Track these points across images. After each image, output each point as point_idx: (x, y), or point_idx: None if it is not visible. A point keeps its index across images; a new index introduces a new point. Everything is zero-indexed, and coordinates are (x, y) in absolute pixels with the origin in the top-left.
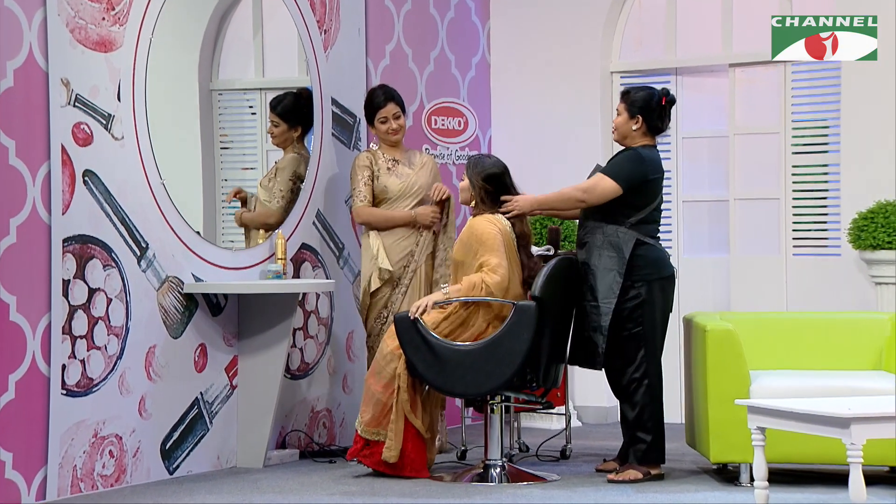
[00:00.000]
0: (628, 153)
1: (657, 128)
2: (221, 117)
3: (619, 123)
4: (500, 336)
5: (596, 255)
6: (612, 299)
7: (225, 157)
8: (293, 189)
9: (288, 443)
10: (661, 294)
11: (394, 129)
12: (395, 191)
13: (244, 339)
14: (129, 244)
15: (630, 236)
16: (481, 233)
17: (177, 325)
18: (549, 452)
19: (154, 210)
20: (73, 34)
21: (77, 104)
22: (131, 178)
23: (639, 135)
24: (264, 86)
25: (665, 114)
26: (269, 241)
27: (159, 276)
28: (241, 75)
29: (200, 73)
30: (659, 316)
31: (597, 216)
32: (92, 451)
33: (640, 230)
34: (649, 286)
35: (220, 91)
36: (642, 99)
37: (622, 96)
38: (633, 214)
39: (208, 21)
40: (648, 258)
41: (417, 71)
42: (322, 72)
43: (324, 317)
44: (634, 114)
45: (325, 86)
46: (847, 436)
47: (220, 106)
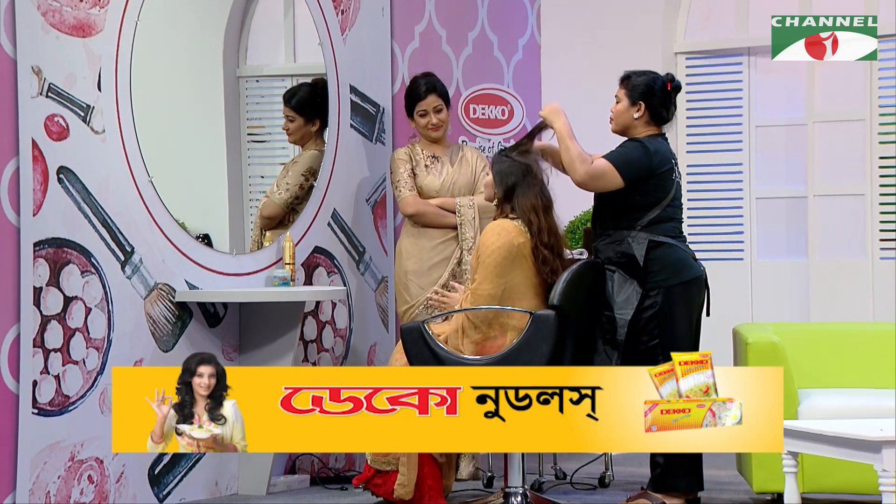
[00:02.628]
0: (633, 144)
1: (661, 117)
2: (249, 108)
3: (618, 111)
4: (515, 349)
5: (611, 264)
6: (629, 310)
7: (254, 151)
8: (302, 185)
9: (299, 468)
10: (682, 301)
11: (434, 125)
12: (433, 191)
13: (246, 352)
14: (111, 248)
15: (641, 239)
16: (484, 247)
17: (167, 338)
18: (586, 480)
19: (141, 211)
20: (45, 18)
21: (50, 94)
22: (114, 176)
23: (641, 124)
24: (296, 72)
25: (670, 101)
26: (276, 245)
27: (147, 283)
28: (270, 60)
29: (225, 58)
30: (681, 326)
31: (607, 222)
32: (68, 476)
33: (654, 231)
34: (667, 293)
35: (248, 78)
36: (644, 84)
37: (621, 81)
38: (643, 216)
39: (233, 1)
40: (665, 261)
41: (453, 54)
42: (339, 57)
43: (341, 328)
44: (636, 100)
45: (343, 72)
46: (878, 461)
47: (247, 95)
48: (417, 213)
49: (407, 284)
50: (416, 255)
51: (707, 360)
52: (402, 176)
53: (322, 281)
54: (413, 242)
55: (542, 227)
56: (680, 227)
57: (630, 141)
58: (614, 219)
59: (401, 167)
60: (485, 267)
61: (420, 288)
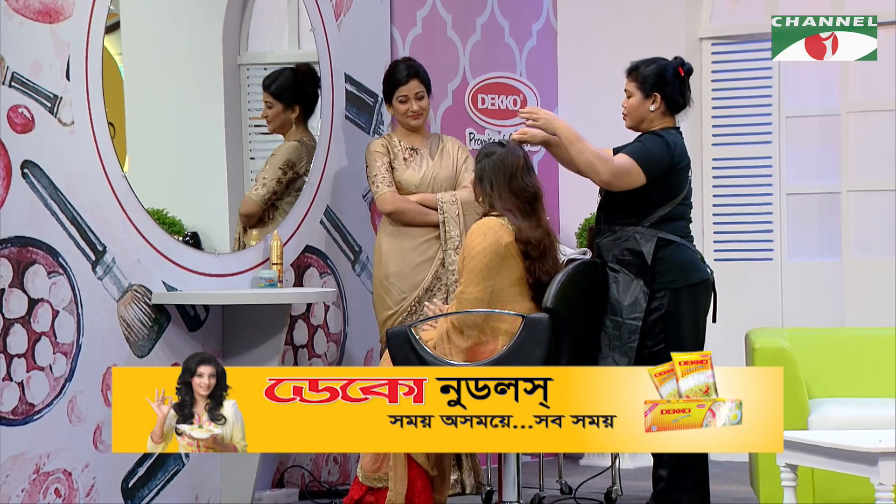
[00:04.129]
0: (653, 138)
1: (678, 104)
2: (251, 97)
3: (632, 106)
4: (507, 354)
5: (615, 263)
6: (638, 314)
7: (256, 143)
8: (280, 179)
9: (287, 481)
10: (689, 304)
11: (414, 112)
12: (412, 186)
13: (230, 357)
14: (81, 247)
15: (650, 236)
16: (469, 249)
17: (143, 342)
18: (592, 495)
19: (114, 207)
20: (7, 2)
21: (14, 84)
22: (84, 171)
23: (657, 116)
24: (301, 59)
25: (685, 86)
26: (262, 244)
27: (120, 284)
28: (273, 47)
29: (225, 44)
30: (687, 330)
31: (613, 217)
32: (33, 489)
33: (663, 228)
34: (674, 295)
35: (250, 65)
36: (655, 73)
37: (629, 73)
38: (654, 211)
39: None
40: (673, 261)
41: (459, 41)
42: (333, 43)
43: (335, 332)
44: (649, 91)
45: (337, 60)
46: (874, 474)
47: (249, 83)
48: (397, 210)
49: (388, 288)
50: (397, 256)
51: (707, 360)
52: (378, 170)
53: (314, 282)
54: (393, 243)
55: (529, 223)
56: (689, 227)
57: (648, 135)
58: (622, 214)
59: (377, 160)
60: (470, 270)
61: (402, 292)
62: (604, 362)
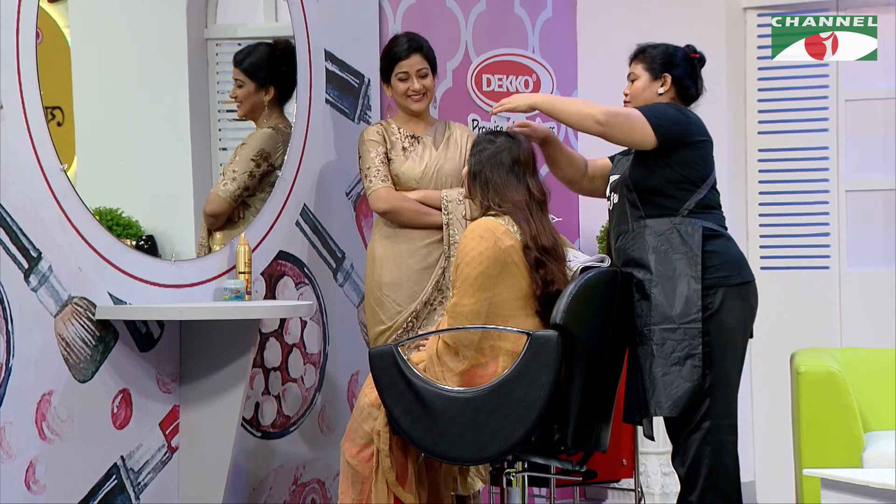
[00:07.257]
0: (664, 104)
1: (689, 92)
2: (220, 77)
3: (637, 89)
4: (509, 380)
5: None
6: (696, 315)
7: (227, 131)
8: (252, 172)
9: None
10: (739, 306)
11: (416, 91)
12: (412, 180)
13: (188, 382)
14: (10, 253)
15: (695, 225)
16: (462, 255)
17: (85, 365)
18: None
19: (50, 206)
20: None
21: None
22: (15, 163)
23: (666, 101)
24: (278, 33)
25: (696, 74)
26: (227, 249)
27: (58, 296)
28: (246, 19)
29: (190, 16)
30: (736, 337)
31: (636, 207)
32: None
33: (706, 218)
34: (725, 294)
35: (218, 40)
36: (663, 53)
37: (634, 57)
38: (688, 196)
39: None
40: (725, 255)
41: (461, 12)
42: (310, 15)
43: (313, 353)
44: (658, 73)
45: (316, 35)
46: None
47: (217, 62)
48: (392, 209)
49: (381, 300)
50: (393, 262)
51: None
52: (372, 162)
53: (288, 294)
54: (388, 247)
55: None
56: (725, 219)
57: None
58: (650, 206)
59: (371, 150)
60: (464, 279)
61: (397, 305)
62: (666, 384)
